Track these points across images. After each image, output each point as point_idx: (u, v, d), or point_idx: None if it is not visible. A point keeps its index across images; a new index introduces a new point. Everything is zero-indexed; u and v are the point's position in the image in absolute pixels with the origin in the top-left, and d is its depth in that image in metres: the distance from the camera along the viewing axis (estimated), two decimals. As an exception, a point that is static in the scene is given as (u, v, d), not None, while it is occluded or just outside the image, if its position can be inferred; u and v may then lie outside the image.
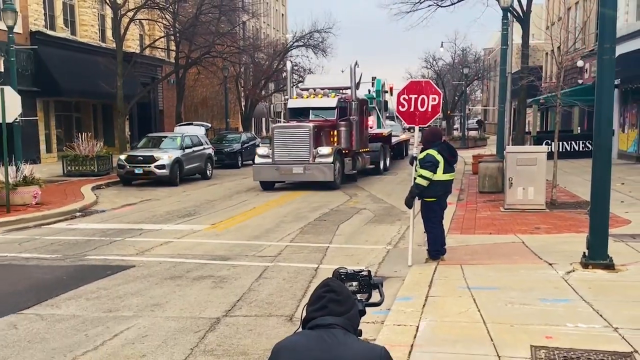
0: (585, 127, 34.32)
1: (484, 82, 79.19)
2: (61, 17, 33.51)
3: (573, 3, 38.03)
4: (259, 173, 21.51)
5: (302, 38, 49.84)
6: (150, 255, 11.06)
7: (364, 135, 25.02)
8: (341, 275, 3.28)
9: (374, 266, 9.77)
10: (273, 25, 74.05)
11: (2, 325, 7.15)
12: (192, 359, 6.08)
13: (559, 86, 16.14)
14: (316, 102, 22.84)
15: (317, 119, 22.26)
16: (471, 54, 68.27)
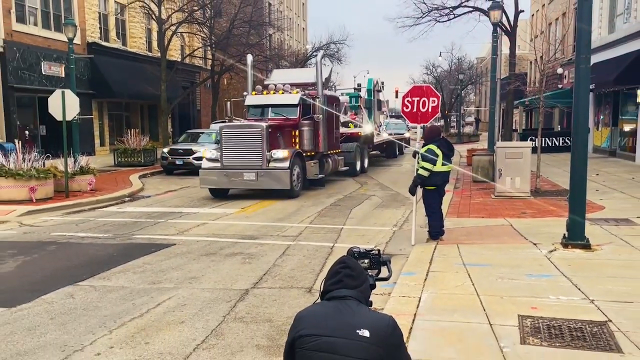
0: (564, 125, 34.02)
1: (477, 87, 78.80)
2: (114, 31, 33.51)
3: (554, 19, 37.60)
4: (206, 179, 16.17)
5: (320, 48, 49.70)
6: (188, 234, 11.01)
7: (334, 135, 19.79)
8: (354, 253, 3.26)
9: (382, 245, 9.66)
10: (295, 38, 73.77)
11: (62, 295, 7.11)
12: (224, 325, 5.99)
13: (542, 90, 16.16)
14: (276, 99, 17.70)
15: (277, 117, 17.31)
16: (465, 62, 68.35)
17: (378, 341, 2.64)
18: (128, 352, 5.29)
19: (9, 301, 6.79)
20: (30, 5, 27.19)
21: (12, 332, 5.80)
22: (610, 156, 25.04)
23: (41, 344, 5.49)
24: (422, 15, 27.17)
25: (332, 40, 49.59)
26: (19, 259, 9.10)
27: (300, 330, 2.72)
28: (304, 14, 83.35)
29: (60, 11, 28.91)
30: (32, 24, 27.28)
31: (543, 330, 5.33)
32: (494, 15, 21.41)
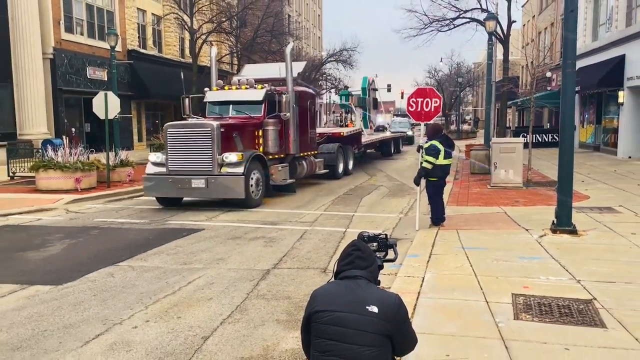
0: (553, 123, 33.61)
1: (474, 89, 78.14)
2: (151, 39, 33.57)
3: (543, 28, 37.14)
4: (150, 186, 12.70)
5: (334, 55, 49.65)
6: (216, 220, 10.98)
7: (309, 135, 15.98)
8: (364, 237, 3.23)
9: (389, 230, 9.55)
10: (312, 45, 73.47)
11: (103, 274, 7.10)
12: (247, 302, 5.94)
13: (532, 92, 15.95)
14: (237, 95, 14.13)
15: (239, 116, 13.82)
16: (464, 67, 67.84)
17: (385, 317, 2.64)
18: (162, 325, 5.26)
19: (57, 279, 6.80)
20: (77, 17, 27.29)
21: (59, 307, 5.80)
22: (594, 151, 24.75)
23: (85, 318, 5.48)
24: (425, 26, 26.93)
25: (345, 48, 49.39)
26: (65, 242, 9.13)
27: (316, 306, 2.72)
28: (320, 24, 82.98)
29: (104, 22, 29.00)
30: (79, 34, 27.37)
31: (534, 307, 5.26)
32: (489, 25, 21.27)
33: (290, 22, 54.85)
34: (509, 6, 25.13)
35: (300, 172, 15.35)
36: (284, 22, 48.35)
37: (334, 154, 17.87)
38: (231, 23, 36.45)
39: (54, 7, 25.34)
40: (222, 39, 38.07)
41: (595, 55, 23.71)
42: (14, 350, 4.71)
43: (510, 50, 28.27)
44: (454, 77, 61.57)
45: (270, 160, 13.49)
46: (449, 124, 66.71)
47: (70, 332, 5.10)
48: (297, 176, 15.11)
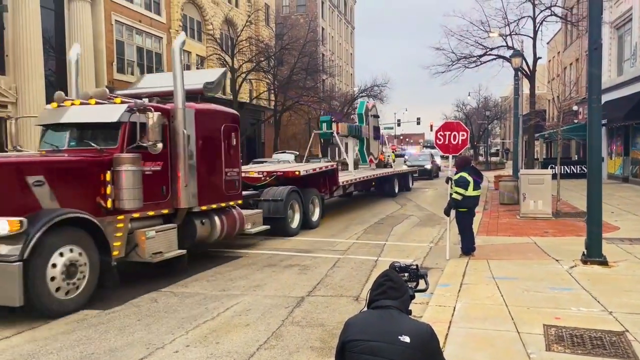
0: (581, 155, 32.85)
1: (502, 121, 77.27)
2: (194, 78, 34.56)
3: (568, 64, 36.63)
4: None
5: (365, 90, 50.11)
6: (253, 248, 11.01)
7: (223, 176, 9.96)
8: (396, 267, 3.19)
9: (420, 259, 9.40)
10: (344, 82, 74.28)
11: (147, 299, 7.18)
12: (283, 328, 5.89)
13: (559, 125, 15.64)
14: (79, 114, 8.27)
15: (73, 149, 8.01)
16: (491, 100, 67.28)
17: (418, 346, 2.59)
18: (201, 350, 5.25)
19: (104, 304, 6.90)
20: (128, 58, 28.37)
21: (106, 331, 5.87)
22: (623, 182, 24.01)
23: (129, 342, 5.52)
24: (452, 63, 26.90)
25: (376, 84, 49.84)
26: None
27: (349, 335, 2.69)
28: (352, 62, 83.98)
29: (152, 63, 30.04)
30: (129, 74, 28.40)
31: (566, 338, 5.05)
32: (515, 62, 21.11)
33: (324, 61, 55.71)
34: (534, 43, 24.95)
35: (205, 234, 9.42)
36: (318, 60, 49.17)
37: (281, 201, 11.98)
38: (269, 62, 37.28)
39: (108, 50, 26.42)
40: (260, 76, 38.99)
41: (621, 89, 23.24)
42: (64, 372, 4.77)
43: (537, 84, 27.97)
44: (482, 111, 61.17)
45: (136, 221, 7.92)
46: (477, 156, 66.03)
47: (115, 356, 5.14)
48: (202, 240, 9.45)
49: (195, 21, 35.39)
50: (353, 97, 52.78)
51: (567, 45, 37.75)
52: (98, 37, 25.89)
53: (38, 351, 5.27)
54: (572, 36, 35.39)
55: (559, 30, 38.81)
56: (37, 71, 22.49)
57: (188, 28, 34.29)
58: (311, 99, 41.10)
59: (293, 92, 38.59)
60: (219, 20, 37.19)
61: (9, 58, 22.10)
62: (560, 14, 25.89)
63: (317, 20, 59.01)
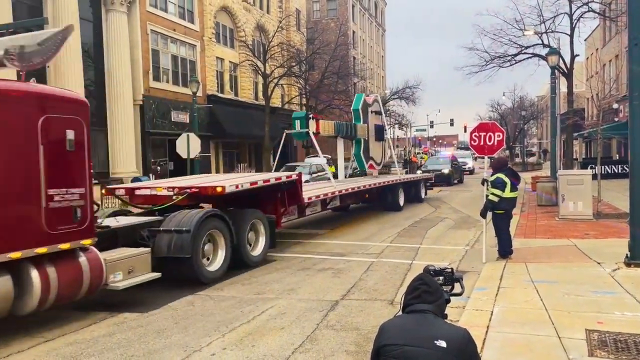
0: (622, 154, 31.78)
1: (538, 121, 75.52)
2: (228, 84, 35.03)
3: (607, 60, 35.52)
4: None
5: (397, 92, 49.88)
6: (287, 252, 11.03)
7: (42, 200, 5.89)
8: (430, 271, 3.14)
9: (455, 263, 9.26)
10: (376, 85, 74.06)
11: (184, 302, 7.29)
12: (317, 332, 5.89)
13: (599, 124, 15.19)
14: None
15: None
16: (527, 100, 65.79)
17: (454, 351, 2.54)
18: (238, 353, 5.30)
19: (142, 307, 7.04)
20: (164, 66, 28.99)
21: (144, 334, 5.99)
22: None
23: (167, 345, 5.62)
24: (486, 63, 26.46)
25: (407, 86, 49.49)
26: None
27: (384, 339, 2.66)
28: (383, 64, 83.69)
29: (187, 71, 30.61)
30: (165, 82, 29.01)
31: (610, 343, 4.89)
32: (551, 60, 20.54)
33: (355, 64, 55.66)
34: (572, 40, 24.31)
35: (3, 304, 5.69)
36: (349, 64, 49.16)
37: (187, 232, 7.96)
38: (300, 67, 37.51)
39: (144, 59, 27.06)
40: (292, 81, 39.26)
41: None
42: (105, 373, 4.89)
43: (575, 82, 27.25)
44: (517, 111, 59.94)
45: None
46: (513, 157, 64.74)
47: (154, 358, 5.23)
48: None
49: (227, 28, 35.89)
50: (384, 100, 52.60)
51: (606, 42, 36.67)
52: (134, 46, 26.54)
53: (80, 353, 5.42)
54: (611, 32, 34.37)
55: (597, 26, 37.71)
56: (77, 81, 23.20)
57: (221, 35, 34.81)
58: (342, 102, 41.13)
59: (324, 96, 38.69)
60: (251, 26, 37.62)
61: (50, 69, 22.89)
62: (598, 9, 25.14)
63: (347, 23, 59.03)
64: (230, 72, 35.60)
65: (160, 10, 28.79)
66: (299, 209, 12.19)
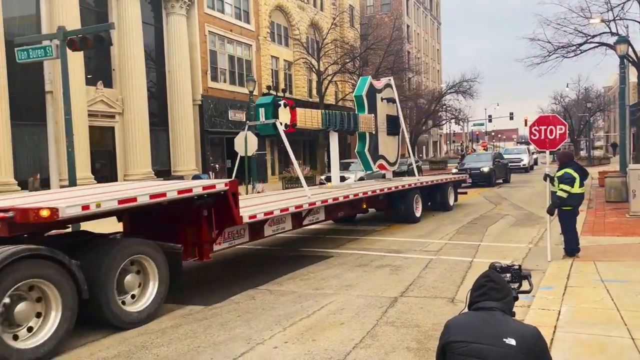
0: (699, 147, 29.76)
1: (605, 113, 71.93)
2: (283, 82, 35.47)
3: (683, 45, 33.30)
4: None
5: (453, 86, 48.85)
6: (344, 248, 11.07)
7: None
8: (496, 268, 3.07)
9: (519, 261, 8.97)
10: (431, 79, 72.89)
11: (245, 296, 7.46)
12: (377, 328, 5.89)
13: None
14: None
15: None
16: (593, 91, 62.78)
17: (523, 349, 2.49)
18: (299, 347, 5.39)
19: (206, 300, 7.26)
20: (221, 67, 29.71)
21: (209, 326, 6.19)
22: None
23: (231, 337, 5.78)
24: (549, 54, 25.45)
25: (464, 79, 48.38)
26: (212, 267, 9.76)
27: (451, 336, 2.63)
28: (439, 58, 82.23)
29: (243, 70, 31.24)
30: (222, 82, 29.73)
31: (689, 347, 4.61)
32: (620, 48, 19.41)
33: (409, 59, 54.97)
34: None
35: None
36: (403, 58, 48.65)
37: None
38: (354, 63, 37.44)
39: (202, 60, 27.83)
40: (345, 78, 39.28)
41: None
42: (173, 363, 5.10)
43: (645, 72, 25.75)
44: (582, 102, 57.32)
45: None
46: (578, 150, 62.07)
47: (219, 349, 5.40)
48: None
49: (282, 27, 36.34)
50: (441, 94, 51.67)
51: (680, 27, 34.39)
52: (193, 48, 27.35)
53: (150, 343, 5.67)
54: (686, 17, 32.20)
55: (670, 11, 35.48)
56: (140, 83, 24.16)
57: (275, 34, 35.28)
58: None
59: (379, 92, 38.64)
60: (305, 24, 37.90)
61: (115, 72, 23.94)
62: (671, -7, 23.63)
63: (402, 18, 58.34)
64: (284, 71, 36.03)
65: (217, 12, 29.50)
66: (252, 229, 8.72)
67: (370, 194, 12.29)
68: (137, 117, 23.78)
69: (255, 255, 10.85)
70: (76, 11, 21.01)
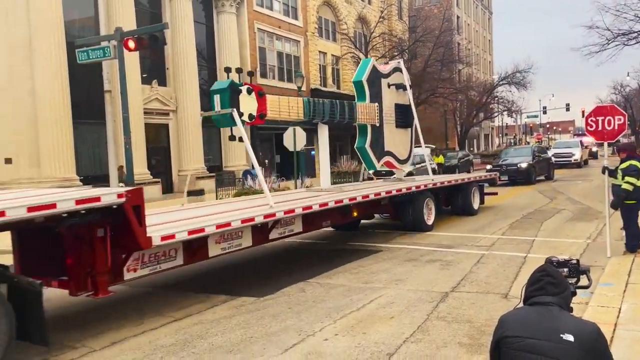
0: None
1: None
2: (330, 78, 35.53)
3: None
4: None
5: (506, 77, 47.48)
6: (393, 243, 11.00)
7: None
8: (553, 262, 2.98)
9: (576, 257, 8.66)
10: (482, 70, 71.13)
11: (295, 289, 7.56)
12: (428, 323, 5.85)
13: None
14: None
15: None
16: (658, 79, 59.47)
17: (582, 346, 2.41)
18: (349, 339, 5.42)
19: (258, 292, 7.39)
20: (270, 64, 30.07)
21: (262, 317, 6.32)
22: None
23: (283, 328, 5.88)
24: (608, 42, 24.32)
25: (517, 70, 46.90)
26: (261, 259, 9.93)
27: (505, 331, 2.58)
28: (490, 49, 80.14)
29: (291, 66, 31.50)
30: (271, 78, 30.08)
31: None
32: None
33: (459, 50, 53.81)
34: None
35: None
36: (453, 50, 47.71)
37: None
38: (402, 56, 37.06)
39: (251, 57, 28.25)
40: (394, 71, 39.00)
41: None
42: (228, 353, 5.24)
43: None
44: (645, 92, 54.62)
45: None
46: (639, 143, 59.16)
47: (271, 340, 5.51)
48: None
49: (329, 22, 36.35)
50: (492, 86, 50.35)
51: None
52: (243, 45, 27.79)
53: (206, 332, 5.85)
54: None
55: None
56: (192, 81, 24.79)
57: (323, 29, 35.34)
58: (447, 90, 40.05)
59: (427, 85, 37.91)
60: (353, 18, 37.77)
61: (169, 71, 24.66)
62: None
63: (452, 9, 57.16)
64: (332, 65, 36.07)
65: (266, 9, 29.84)
66: (189, 249, 6.88)
67: (360, 199, 9.90)
68: (189, 114, 24.43)
69: (305, 248, 10.96)
70: (132, 12, 21.76)
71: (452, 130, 50.07)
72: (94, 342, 5.69)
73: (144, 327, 6.14)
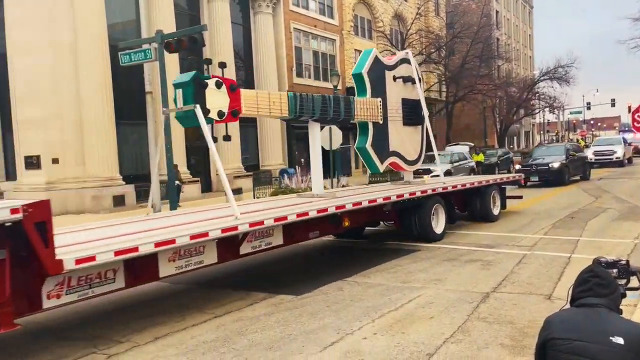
0: None
1: None
2: (366, 75, 35.45)
3: None
4: None
5: (547, 73, 46.27)
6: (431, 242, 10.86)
7: None
8: (601, 263, 2.91)
9: (624, 257, 8.38)
10: (522, 66, 69.51)
11: (333, 287, 7.57)
12: (469, 323, 5.76)
13: None
14: None
15: None
16: None
17: (633, 349, 2.34)
18: (388, 338, 5.40)
19: (296, 290, 7.44)
20: (306, 63, 30.19)
21: (300, 315, 6.36)
22: None
23: (321, 326, 5.90)
24: (656, 33, 23.37)
25: (560, 65, 45.62)
26: (302, 257, 9.98)
27: (551, 332, 2.52)
28: (531, 44, 78.23)
29: (327, 65, 31.55)
30: (307, 77, 30.21)
31: None
32: None
33: (499, 45, 52.77)
34: None
35: None
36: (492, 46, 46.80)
37: None
38: (440, 53, 36.62)
39: (287, 57, 28.43)
40: (430, 68, 38.48)
41: None
42: (267, 350, 5.30)
43: None
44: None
45: None
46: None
47: (310, 338, 5.55)
48: None
49: (365, 20, 36.21)
50: (533, 81, 49.15)
51: None
52: (279, 45, 28.00)
53: (245, 329, 5.94)
54: None
55: None
56: (230, 81, 25.12)
57: (359, 27, 35.23)
58: (486, 87, 39.34)
59: (466, 81, 37.34)
60: (389, 16, 37.51)
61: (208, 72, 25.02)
62: None
63: (490, 4, 56.06)
64: (368, 64, 35.94)
65: (302, 8, 29.97)
66: (131, 270, 5.88)
67: (351, 207, 8.63)
68: (227, 114, 24.77)
69: (342, 247, 10.96)
70: (171, 15, 22.22)
71: (491, 127, 49.19)
72: (138, 337, 5.85)
73: (185, 323, 6.27)
